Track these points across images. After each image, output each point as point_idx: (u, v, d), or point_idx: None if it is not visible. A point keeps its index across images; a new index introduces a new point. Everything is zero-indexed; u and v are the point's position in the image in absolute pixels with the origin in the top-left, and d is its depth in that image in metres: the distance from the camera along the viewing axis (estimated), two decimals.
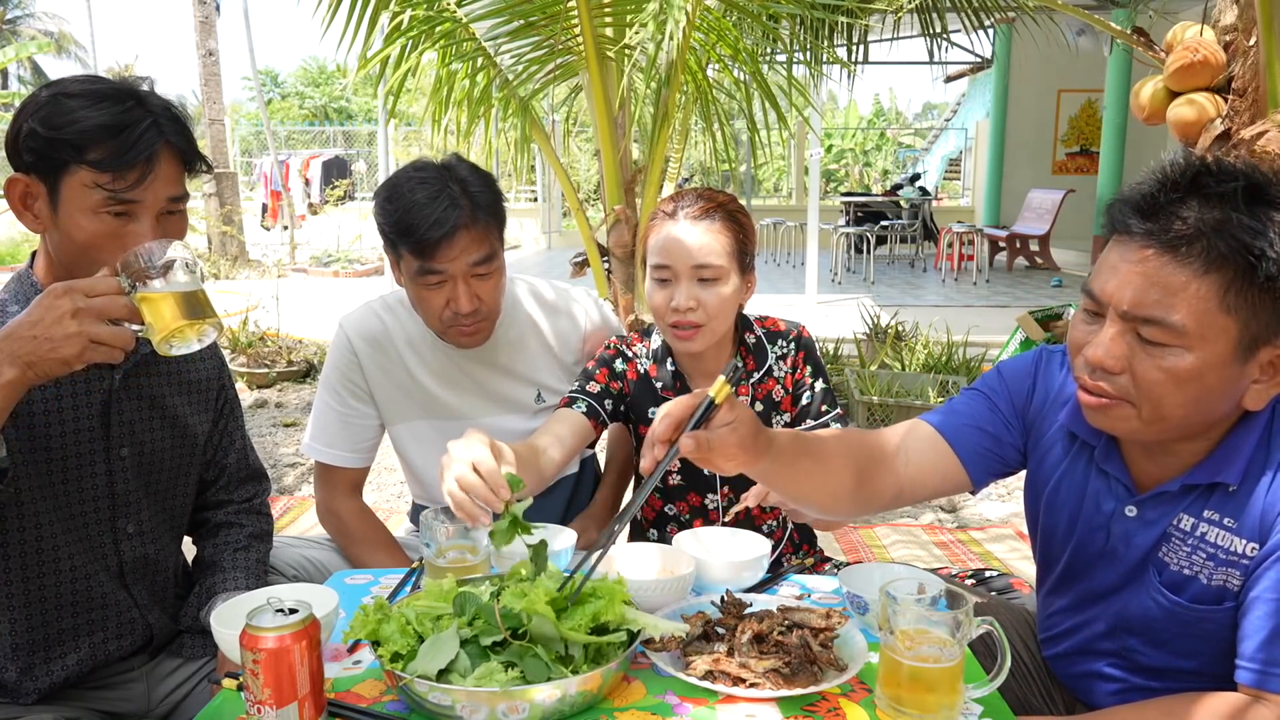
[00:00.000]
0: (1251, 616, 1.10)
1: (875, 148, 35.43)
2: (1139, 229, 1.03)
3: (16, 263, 13.38)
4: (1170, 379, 1.03)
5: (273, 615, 0.99)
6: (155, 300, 1.15)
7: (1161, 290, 1.01)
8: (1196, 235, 0.99)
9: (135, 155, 1.23)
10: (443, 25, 3.11)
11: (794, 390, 1.80)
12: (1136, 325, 1.03)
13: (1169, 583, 1.17)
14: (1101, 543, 1.24)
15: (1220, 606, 1.13)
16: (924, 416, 1.36)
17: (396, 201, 1.62)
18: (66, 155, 1.22)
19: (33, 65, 28.69)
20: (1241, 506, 1.10)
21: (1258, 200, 1.00)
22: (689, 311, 1.65)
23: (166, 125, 1.28)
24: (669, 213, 1.70)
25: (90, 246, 1.26)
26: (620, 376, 1.80)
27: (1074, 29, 8.15)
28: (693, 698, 1.09)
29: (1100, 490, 1.24)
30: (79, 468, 1.37)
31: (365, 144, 19.89)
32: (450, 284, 1.64)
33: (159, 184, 1.28)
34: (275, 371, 6.08)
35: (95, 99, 1.24)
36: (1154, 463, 1.18)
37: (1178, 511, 1.16)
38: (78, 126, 1.21)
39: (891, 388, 4.98)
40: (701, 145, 3.64)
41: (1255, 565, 1.10)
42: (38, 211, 1.27)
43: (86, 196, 1.23)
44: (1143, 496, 1.19)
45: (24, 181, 1.26)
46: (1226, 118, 2.76)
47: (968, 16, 4.06)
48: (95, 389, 1.37)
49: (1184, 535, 1.15)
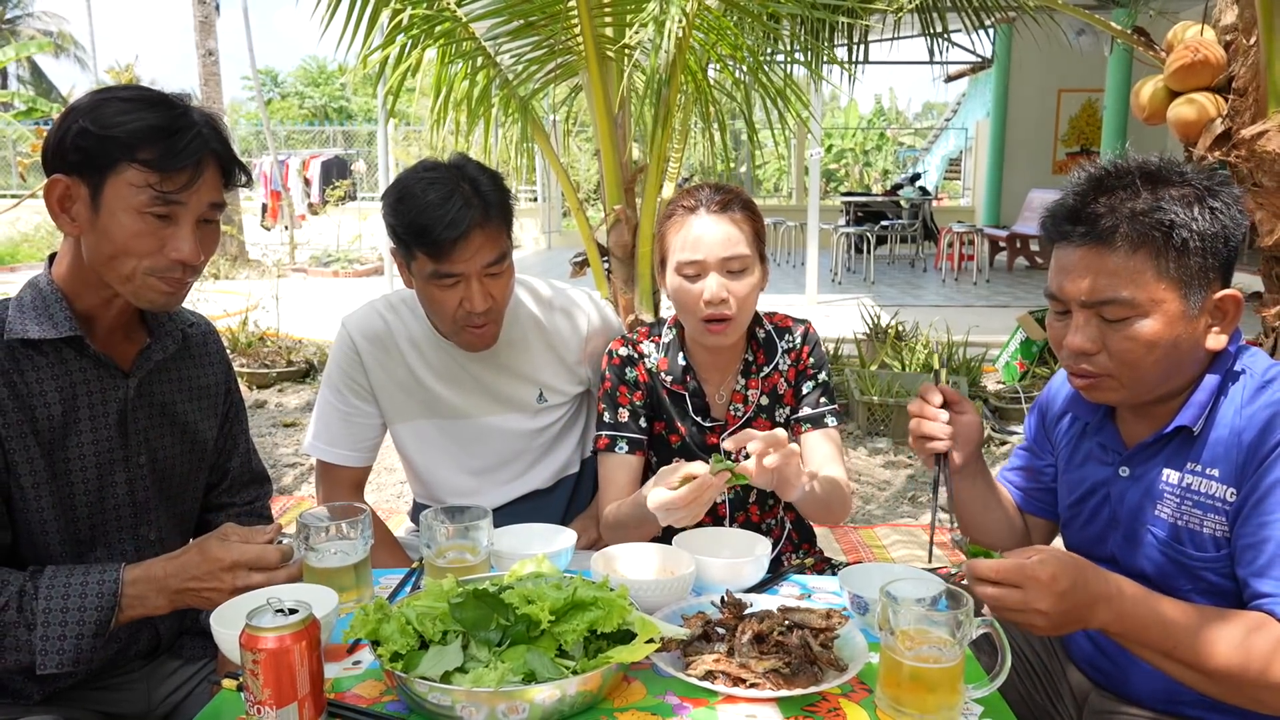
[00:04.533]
0: (1269, 547, 1.13)
1: (875, 148, 35.43)
2: (1072, 233, 1.21)
3: (16, 263, 13.37)
4: (1140, 344, 1.19)
5: (273, 615, 0.99)
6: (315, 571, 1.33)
7: (1105, 276, 1.18)
8: (1115, 225, 1.17)
9: (185, 158, 1.27)
10: (443, 25, 3.11)
11: (796, 382, 1.80)
12: (1098, 309, 1.20)
13: (1170, 536, 1.25)
14: (1106, 511, 1.35)
15: (1218, 554, 1.21)
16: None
17: (408, 203, 1.61)
18: (117, 153, 1.24)
19: (32, 65, 28.71)
20: (1213, 452, 1.21)
21: (1156, 182, 1.19)
22: (722, 304, 1.65)
23: (210, 135, 1.31)
24: (690, 207, 1.70)
25: (128, 247, 1.27)
26: (635, 384, 1.81)
27: (1074, 29, 8.15)
28: (693, 698, 1.09)
29: (1099, 459, 1.37)
30: (99, 478, 1.37)
31: (365, 144, 19.88)
32: (464, 284, 1.64)
33: (203, 190, 1.31)
34: (275, 371, 6.08)
35: (147, 104, 1.28)
36: (1141, 423, 1.31)
37: (1162, 466, 1.27)
38: (131, 126, 1.24)
39: (891, 388, 4.98)
40: (701, 145, 3.64)
41: (1239, 505, 1.18)
42: (75, 214, 1.29)
43: (132, 196, 1.25)
44: (1130, 452, 1.31)
45: (65, 183, 1.27)
46: (1227, 118, 2.76)
47: (968, 16, 4.06)
48: (111, 399, 1.38)
49: (1172, 489, 1.25)
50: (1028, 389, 5.21)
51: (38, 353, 1.31)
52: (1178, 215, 1.15)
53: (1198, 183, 1.19)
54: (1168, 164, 1.22)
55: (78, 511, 1.36)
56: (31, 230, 13.94)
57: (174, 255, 1.29)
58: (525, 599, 1.10)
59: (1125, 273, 1.17)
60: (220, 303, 6.87)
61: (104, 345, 1.38)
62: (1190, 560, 1.23)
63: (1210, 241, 1.17)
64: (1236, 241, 1.19)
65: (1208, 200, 1.17)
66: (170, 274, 1.31)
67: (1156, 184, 1.18)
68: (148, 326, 1.46)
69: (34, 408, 1.29)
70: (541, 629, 1.09)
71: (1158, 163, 1.22)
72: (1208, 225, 1.16)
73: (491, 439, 1.88)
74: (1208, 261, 1.17)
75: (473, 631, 1.10)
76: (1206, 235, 1.16)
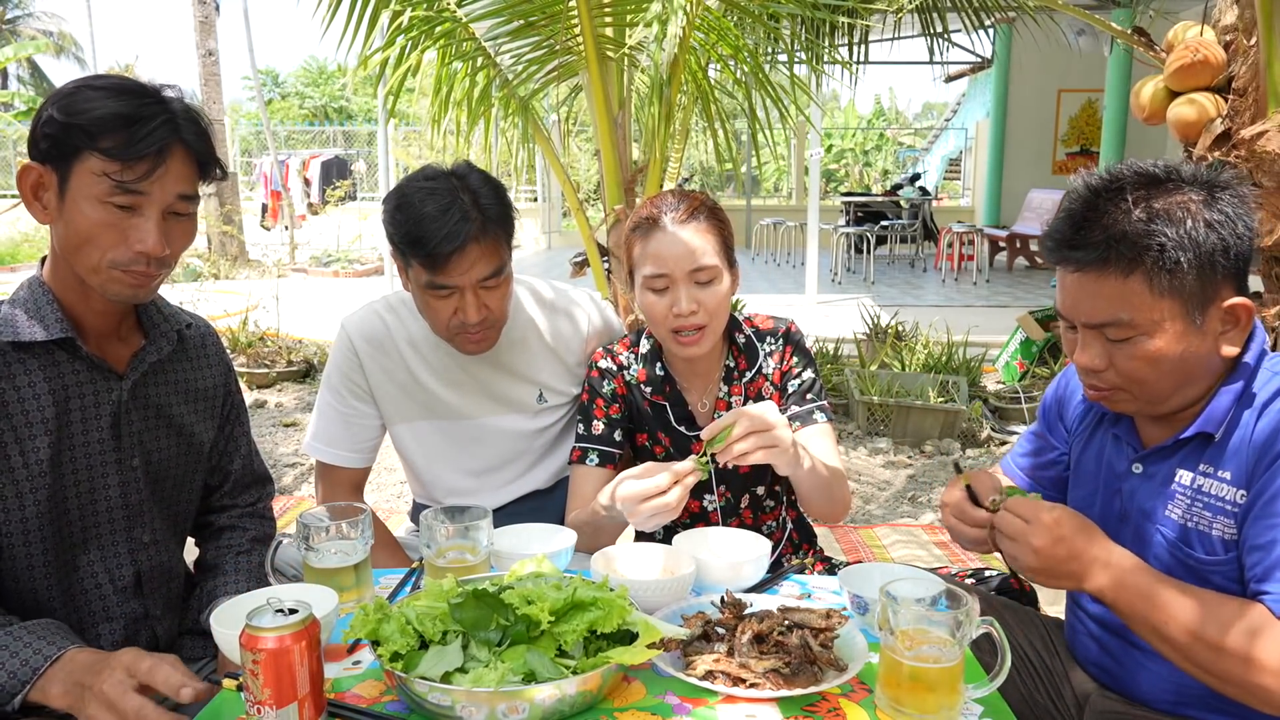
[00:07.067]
0: (1277, 549, 1.12)
1: (875, 148, 35.42)
2: (1067, 258, 1.22)
3: (16, 263, 13.38)
4: (1146, 363, 1.19)
5: (272, 615, 0.99)
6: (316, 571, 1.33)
7: (1103, 300, 1.18)
8: (1107, 250, 1.16)
9: (146, 147, 1.23)
10: (443, 25, 3.11)
11: (782, 382, 1.79)
12: (1101, 330, 1.20)
13: (1178, 538, 1.25)
14: (1117, 506, 1.35)
15: (1226, 557, 1.21)
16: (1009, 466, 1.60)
17: (406, 212, 1.61)
18: (79, 141, 1.23)
19: (32, 65, 28.70)
20: (1229, 455, 1.21)
21: (1151, 195, 1.17)
22: (692, 315, 1.64)
23: (183, 124, 1.29)
24: (653, 219, 1.67)
25: (91, 237, 1.26)
26: (612, 398, 1.81)
27: (1074, 29, 8.15)
28: (693, 698, 1.09)
29: (1114, 453, 1.37)
30: (91, 480, 1.36)
31: (365, 144, 19.87)
32: (458, 295, 1.63)
33: (168, 180, 1.27)
34: (275, 371, 6.08)
35: (117, 92, 1.25)
36: (1158, 426, 1.31)
37: (1175, 467, 1.26)
38: (93, 114, 1.23)
39: (891, 388, 4.98)
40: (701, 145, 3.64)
41: (1248, 507, 1.17)
42: (46, 202, 1.28)
43: (94, 185, 1.24)
44: (1146, 452, 1.31)
45: (37, 170, 1.27)
46: (1226, 118, 2.76)
47: (968, 16, 4.06)
48: (104, 400, 1.37)
49: (1184, 490, 1.25)
50: (1028, 389, 5.21)
51: (29, 355, 1.30)
52: (1169, 236, 1.13)
53: (1198, 187, 1.17)
54: (1165, 171, 1.19)
55: (70, 514, 1.35)
56: (32, 230, 13.94)
57: (137, 247, 1.26)
58: (525, 599, 1.10)
59: (1122, 296, 1.16)
60: (220, 303, 6.88)
61: (97, 347, 1.37)
62: (1198, 563, 1.22)
63: (1208, 257, 1.14)
64: (1242, 248, 1.17)
65: (1206, 212, 1.15)
66: (134, 266, 1.28)
67: (1151, 197, 1.16)
68: (143, 328, 1.45)
69: (27, 411, 1.29)
70: (541, 629, 1.09)
71: (1153, 171, 1.20)
72: (1203, 240, 1.14)
73: (491, 439, 1.88)
74: (1207, 276, 1.15)
75: (472, 632, 1.10)
76: (1203, 252, 1.14)
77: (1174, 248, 1.13)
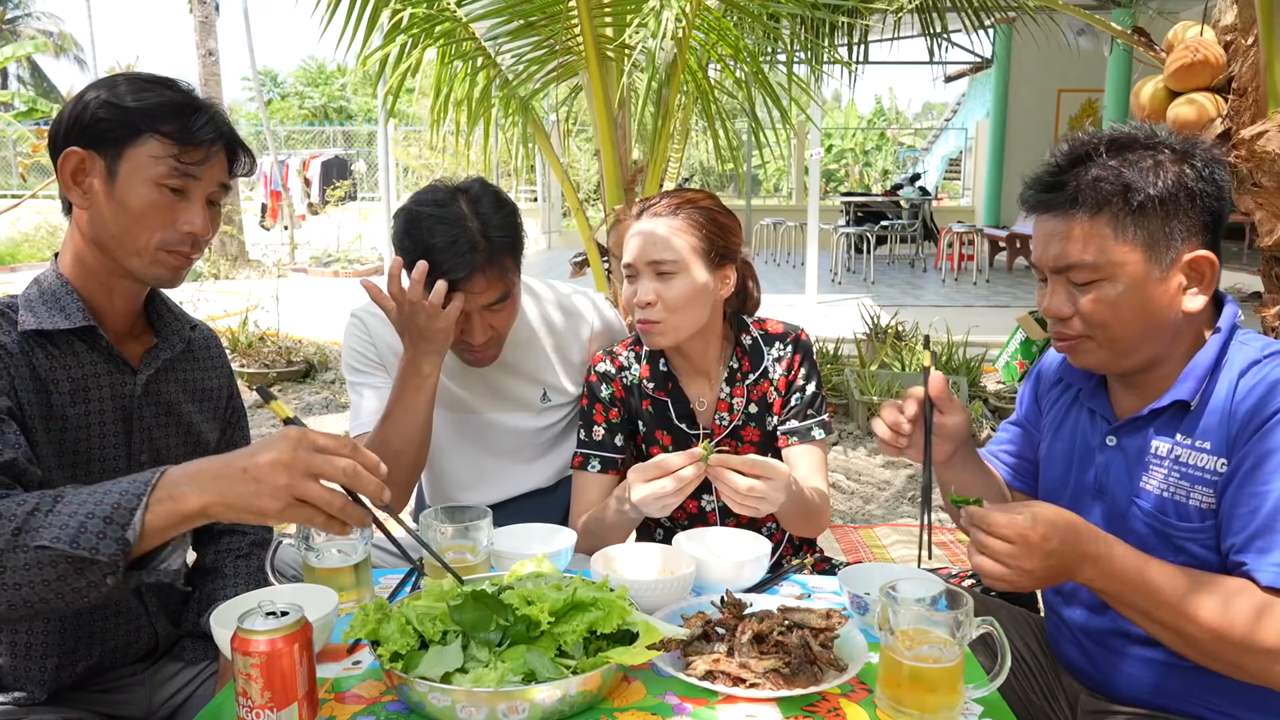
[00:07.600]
0: (1263, 514, 1.13)
1: (875, 148, 35.44)
2: (1041, 202, 1.26)
3: (16, 263, 13.37)
4: (1107, 307, 1.21)
5: (264, 618, 0.98)
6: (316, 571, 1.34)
7: (1070, 242, 1.22)
8: (1077, 191, 1.21)
9: (203, 135, 1.33)
10: (442, 25, 3.11)
11: (786, 392, 1.79)
12: (1066, 275, 1.24)
13: (1155, 507, 1.26)
14: (1091, 480, 1.36)
15: (1203, 525, 1.22)
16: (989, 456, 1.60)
17: (414, 238, 1.61)
18: (142, 124, 1.29)
19: (32, 65, 28.72)
20: (1207, 424, 1.22)
21: (1123, 148, 1.22)
22: (649, 307, 1.66)
23: (220, 120, 1.38)
24: (635, 213, 1.73)
25: (142, 217, 1.31)
26: (612, 401, 1.81)
27: (1074, 29, 8.15)
28: (693, 698, 1.09)
29: (1087, 427, 1.39)
30: (102, 475, 1.37)
31: (365, 144, 19.87)
32: (463, 317, 1.65)
33: (215, 168, 1.36)
34: (275, 372, 6.08)
35: (164, 85, 1.34)
36: (1131, 395, 1.32)
37: (1151, 438, 1.27)
38: (156, 100, 1.30)
39: (891, 388, 4.98)
40: (701, 145, 3.65)
41: (1229, 476, 1.18)
42: (87, 187, 1.32)
43: (151, 167, 1.30)
44: (1119, 424, 1.32)
45: (80, 155, 1.30)
46: (1226, 118, 2.76)
47: (968, 16, 4.06)
48: (119, 394, 1.38)
49: (1160, 460, 1.26)
50: None
51: (51, 344, 1.32)
52: (1135, 179, 1.18)
53: (1172, 146, 1.21)
54: (1140, 130, 1.24)
55: None
56: (32, 230, 13.94)
57: (186, 228, 1.33)
58: (525, 599, 1.10)
59: (1086, 237, 1.20)
60: (220, 303, 6.87)
61: (113, 342, 1.39)
62: (1175, 531, 1.24)
63: (1172, 202, 1.18)
64: (1210, 202, 1.20)
65: (1176, 165, 1.19)
66: (180, 247, 1.35)
67: (1123, 149, 1.22)
68: (153, 327, 1.47)
69: (49, 394, 1.30)
70: (541, 629, 1.09)
71: (1129, 130, 1.25)
72: (1172, 187, 1.18)
73: (495, 435, 1.89)
74: (1172, 222, 1.19)
75: (472, 632, 1.10)
76: (1167, 196, 1.18)
77: (1140, 189, 1.18)
